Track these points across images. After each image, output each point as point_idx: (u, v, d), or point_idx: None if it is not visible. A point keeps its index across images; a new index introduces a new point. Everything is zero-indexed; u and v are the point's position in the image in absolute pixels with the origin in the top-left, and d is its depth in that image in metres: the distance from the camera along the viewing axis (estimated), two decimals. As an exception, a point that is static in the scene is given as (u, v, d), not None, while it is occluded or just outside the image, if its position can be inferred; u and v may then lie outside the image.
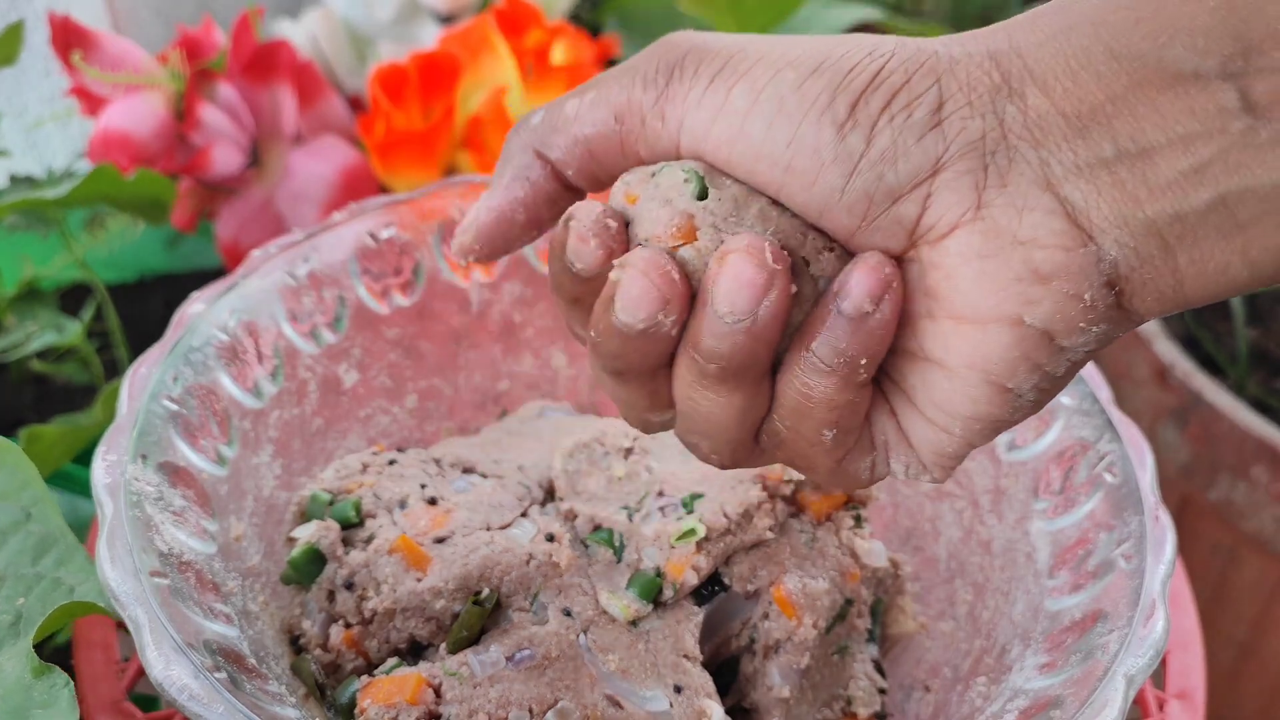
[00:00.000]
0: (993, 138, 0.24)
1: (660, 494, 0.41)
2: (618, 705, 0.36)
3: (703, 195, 0.27)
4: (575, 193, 0.30)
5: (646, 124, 0.27)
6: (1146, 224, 0.24)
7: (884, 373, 0.28)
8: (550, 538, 0.40)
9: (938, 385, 0.26)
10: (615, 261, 0.27)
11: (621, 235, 0.28)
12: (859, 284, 0.26)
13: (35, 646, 0.34)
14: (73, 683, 0.32)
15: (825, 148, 0.25)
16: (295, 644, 0.40)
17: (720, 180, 0.27)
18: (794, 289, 0.26)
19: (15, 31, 0.48)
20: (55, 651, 0.44)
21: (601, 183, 0.30)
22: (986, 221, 0.25)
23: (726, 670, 0.40)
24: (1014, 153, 0.24)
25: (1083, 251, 0.24)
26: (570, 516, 0.41)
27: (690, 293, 0.27)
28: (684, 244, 0.27)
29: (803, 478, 0.41)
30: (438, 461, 0.44)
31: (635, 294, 0.26)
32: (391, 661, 0.38)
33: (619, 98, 0.28)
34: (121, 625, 0.40)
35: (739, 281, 0.26)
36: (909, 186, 0.25)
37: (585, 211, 0.28)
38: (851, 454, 0.29)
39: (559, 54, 0.64)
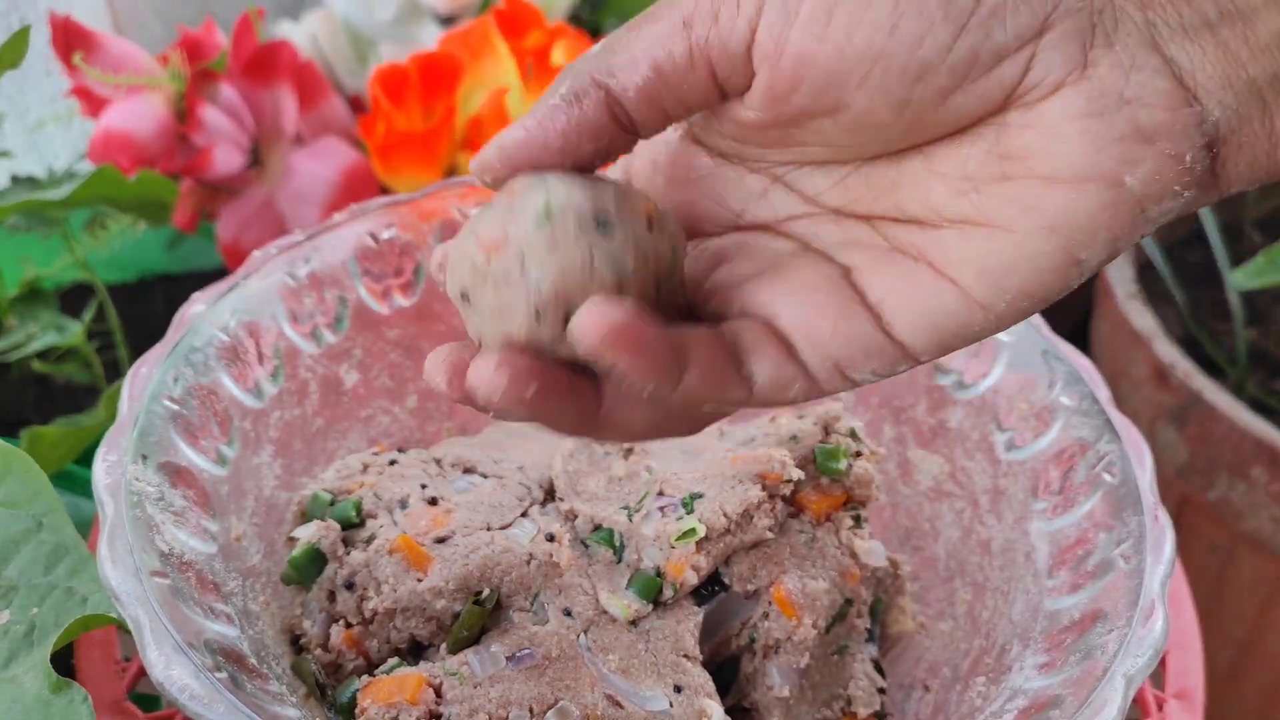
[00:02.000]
0: None
1: (660, 494, 0.41)
2: (618, 705, 0.37)
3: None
4: (626, 133, 0.28)
5: (720, 18, 0.26)
6: (1249, 84, 0.24)
7: (876, 249, 0.28)
8: (550, 538, 0.40)
9: (992, 252, 0.26)
10: None
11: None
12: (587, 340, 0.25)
13: (35, 647, 0.34)
14: (90, 698, 0.32)
15: (934, 6, 0.24)
16: (296, 644, 0.40)
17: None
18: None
19: (21, 36, 0.48)
20: (56, 652, 0.44)
21: (665, 112, 0.28)
22: (1092, 82, 0.25)
23: (726, 670, 0.40)
24: (1120, 13, 0.25)
25: (1187, 111, 0.24)
26: (570, 516, 0.41)
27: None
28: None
29: (802, 476, 0.41)
30: (438, 462, 0.44)
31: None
32: (392, 661, 0.38)
33: (684, 3, 0.26)
34: (122, 625, 0.40)
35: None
36: (1015, 46, 0.25)
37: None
38: (772, 383, 0.27)
39: (559, 55, 0.65)
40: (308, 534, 0.40)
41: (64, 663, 0.35)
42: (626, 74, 0.27)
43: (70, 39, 0.59)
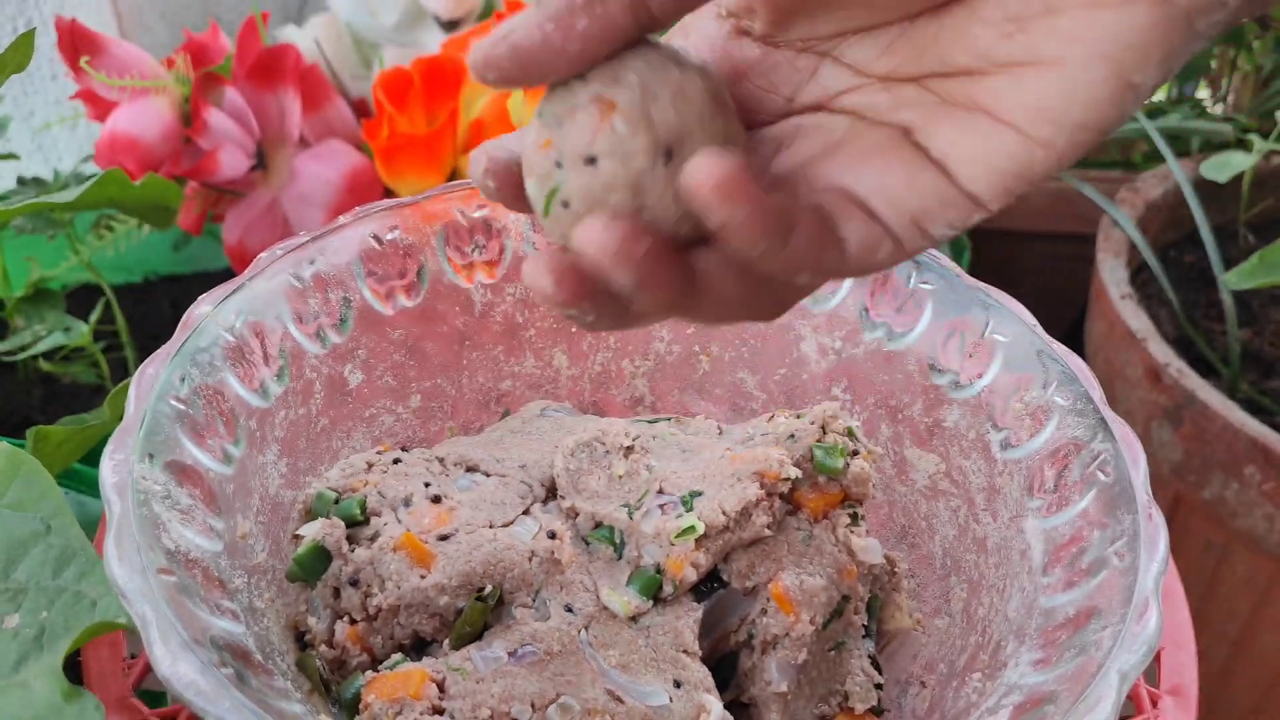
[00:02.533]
0: None
1: (660, 492, 0.41)
2: (618, 700, 0.37)
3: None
4: (641, 30, 0.27)
5: None
6: None
7: (930, 105, 0.27)
8: (552, 535, 0.41)
9: (1046, 90, 0.26)
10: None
11: None
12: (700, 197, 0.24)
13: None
14: (103, 706, 0.32)
15: None
16: (301, 640, 0.40)
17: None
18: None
19: (27, 39, 0.49)
20: (62, 648, 0.45)
21: (687, 4, 0.27)
22: None
23: (725, 665, 0.41)
24: None
25: None
26: (572, 514, 0.42)
27: None
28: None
29: (800, 475, 0.42)
30: (441, 460, 0.45)
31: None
32: (396, 657, 0.38)
33: None
34: (131, 628, 0.40)
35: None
36: None
37: None
38: (862, 245, 0.27)
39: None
40: (313, 531, 0.40)
41: (70, 659, 0.35)
42: None
43: (76, 42, 0.59)
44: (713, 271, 0.27)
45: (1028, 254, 0.92)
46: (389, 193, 0.64)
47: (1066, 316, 0.94)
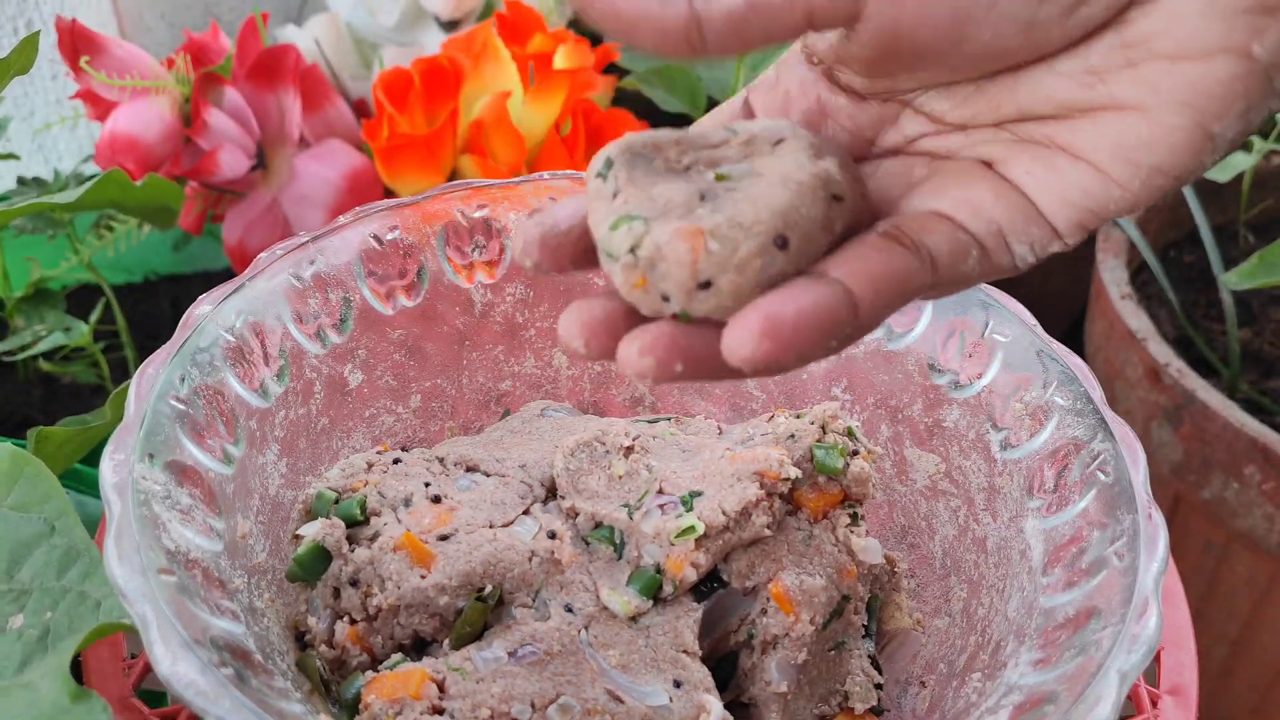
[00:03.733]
0: None
1: (660, 492, 0.41)
2: (618, 700, 0.37)
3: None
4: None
5: None
6: None
7: (1007, 142, 0.28)
8: (552, 535, 0.41)
9: (1129, 132, 0.27)
10: None
11: None
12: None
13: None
14: (109, 708, 0.32)
15: None
16: (301, 640, 0.40)
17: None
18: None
19: (31, 41, 0.49)
20: (63, 649, 0.45)
21: (745, 43, 0.27)
22: None
23: (725, 665, 0.41)
24: None
25: None
26: (572, 514, 0.42)
27: None
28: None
29: (800, 474, 0.42)
30: (441, 460, 0.45)
31: None
32: (396, 657, 0.38)
33: None
34: (133, 628, 0.40)
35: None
36: None
37: None
38: (951, 252, 0.28)
39: (561, 60, 0.65)
40: (313, 531, 0.40)
41: (72, 659, 0.35)
42: (719, 3, 0.26)
43: (76, 43, 0.59)
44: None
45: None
46: (389, 193, 0.64)
47: (1066, 316, 0.95)
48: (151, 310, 0.75)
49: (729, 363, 0.25)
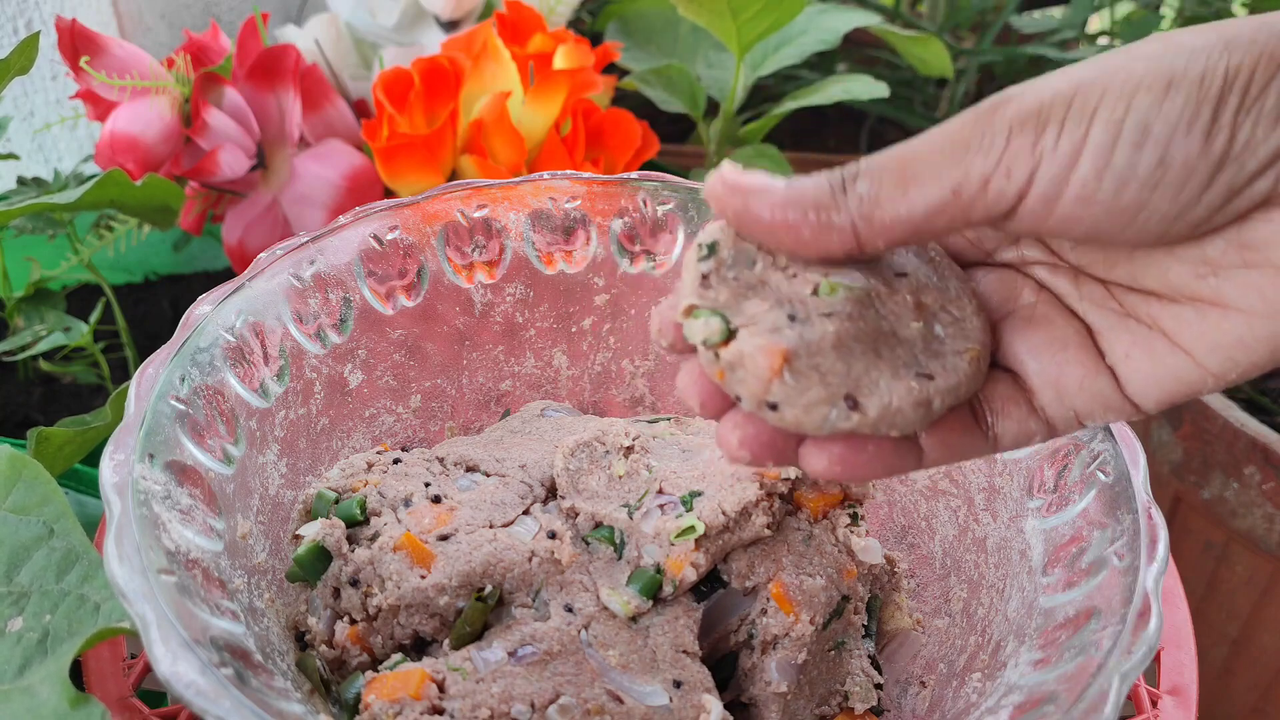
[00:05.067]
0: None
1: (660, 492, 0.41)
2: (618, 700, 0.37)
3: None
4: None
5: (990, 188, 0.27)
6: None
7: (1114, 314, 0.30)
8: (552, 535, 0.41)
9: (1228, 331, 0.28)
10: None
11: None
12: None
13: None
14: (109, 713, 0.32)
15: (1194, 156, 0.27)
16: (301, 640, 0.40)
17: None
18: None
19: (31, 42, 0.49)
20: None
21: (897, 242, 0.30)
22: None
23: (725, 665, 0.41)
24: None
25: None
26: (571, 514, 0.42)
27: None
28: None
29: (799, 474, 0.42)
30: (441, 460, 0.45)
31: None
32: (396, 657, 0.38)
33: (953, 173, 0.28)
34: (134, 631, 0.40)
35: None
36: (1265, 167, 0.27)
37: None
38: (1015, 439, 0.30)
39: (561, 60, 0.65)
40: (313, 531, 0.40)
41: (71, 659, 0.35)
42: (883, 236, 0.29)
43: (76, 43, 0.59)
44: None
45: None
46: (389, 193, 0.64)
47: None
48: (151, 310, 0.75)
49: (803, 468, 0.29)
